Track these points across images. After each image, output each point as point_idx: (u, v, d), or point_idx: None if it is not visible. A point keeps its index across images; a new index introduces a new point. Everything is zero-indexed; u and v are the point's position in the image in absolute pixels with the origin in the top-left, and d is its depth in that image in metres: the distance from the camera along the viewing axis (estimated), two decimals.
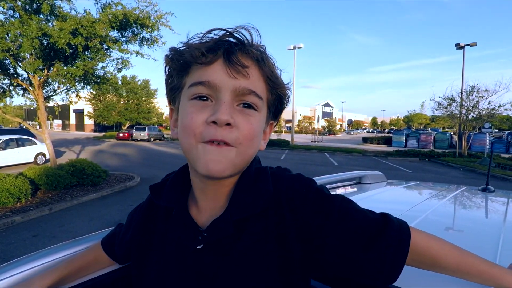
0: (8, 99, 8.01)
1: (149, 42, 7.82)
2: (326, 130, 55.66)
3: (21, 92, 8.14)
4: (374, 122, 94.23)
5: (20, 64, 7.11)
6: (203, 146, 0.45)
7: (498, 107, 15.26)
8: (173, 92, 0.52)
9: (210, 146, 0.44)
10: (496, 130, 29.56)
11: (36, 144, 11.95)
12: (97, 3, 7.22)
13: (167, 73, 0.52)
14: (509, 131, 27.38)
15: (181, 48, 0.48)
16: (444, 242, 0.51)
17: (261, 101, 0.48)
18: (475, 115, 15.86)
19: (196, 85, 0.46)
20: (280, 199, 0.50)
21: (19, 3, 6.30)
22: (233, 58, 0.45)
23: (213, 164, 0.44)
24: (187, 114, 0.47)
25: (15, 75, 7.57)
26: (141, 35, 7.72)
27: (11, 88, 7.86)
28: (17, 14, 6.49)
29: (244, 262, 0.48)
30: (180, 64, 0.48)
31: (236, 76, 0.45)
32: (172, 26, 7.54)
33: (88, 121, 42.40)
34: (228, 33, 0.47)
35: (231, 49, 0.46)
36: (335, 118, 75.96)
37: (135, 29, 7.56)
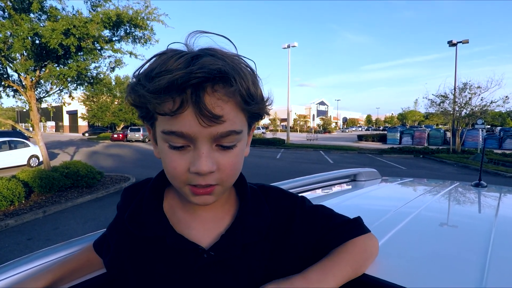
0: None
1: (142, 41, 7.76)
2: (321, 129, 55.77)
3: (12, 93, 8.02)
4: (368, 119, 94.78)
5: (11, 65, 7.00)
6: (190, 189, 0.46)
7: (490, 103, 15.47)
8: (145, 119, 0.48)
9: (197, 190, 0.45)
10: (489, 126, 29.90)
11: (29, 146, 11.80)
12: (86, 2, 7.12)
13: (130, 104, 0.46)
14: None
15: (139, 92, 0.41)
16: None
17: (240, 134, 0.45)
18: (468, 112, 16.05)
19: (168, 134, 0.43)
20: (275, 219, 0.55)
21: (9, 3, 6.20)
22: (202, 107, 0.39)
23: (203, 201, 0.47)
24: (168, 161, 0.45)
25: (6, 76, 7.45)
26: (134, 34, 7.65)
27: (1, 89, 7.74)
28: (6, 14, 6.39)
29: (249, 277, 0.50)
30: (144, 108, 0.44)
31: (209, 124, 0.41)
32: (167, 27, 7.48)
33: (82, 123, 41.95)
34: (189, 70, 0.39)
35: (198, 94, 0.39)
36: (330, 116, 76.27)
37: (127, 28, 7.49)
